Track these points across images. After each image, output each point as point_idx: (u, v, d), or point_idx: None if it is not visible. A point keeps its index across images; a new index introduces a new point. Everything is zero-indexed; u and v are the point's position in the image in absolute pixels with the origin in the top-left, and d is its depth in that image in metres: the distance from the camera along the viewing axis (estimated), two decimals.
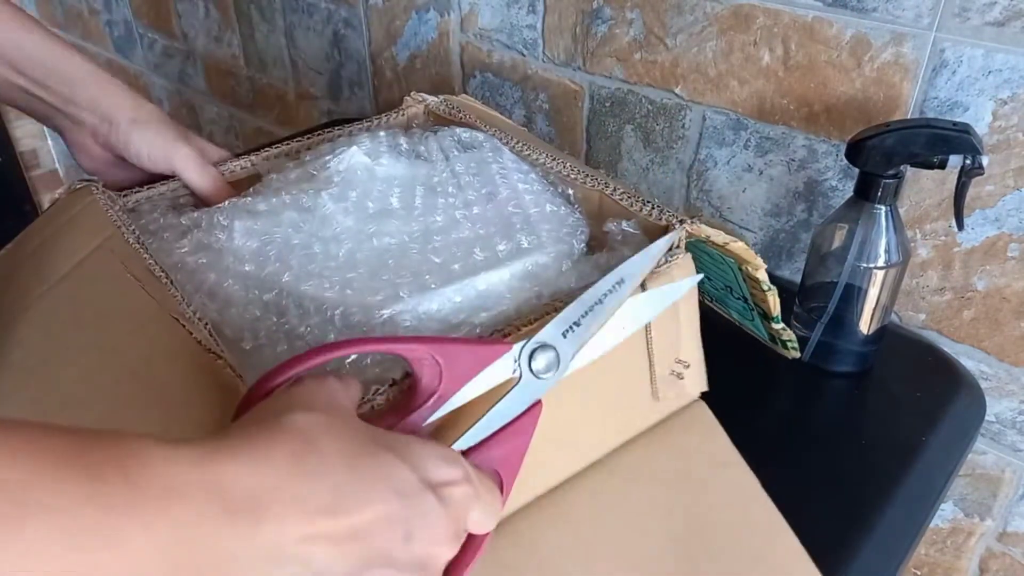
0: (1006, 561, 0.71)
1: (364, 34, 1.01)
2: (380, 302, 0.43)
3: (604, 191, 0.51)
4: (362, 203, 0.50)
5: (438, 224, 0.49)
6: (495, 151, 0.56)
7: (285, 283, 0.44)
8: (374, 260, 0.46)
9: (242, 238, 0.47)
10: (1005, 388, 0.65)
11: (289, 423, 0.28)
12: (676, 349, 0.47)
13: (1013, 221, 0.59)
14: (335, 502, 0.27)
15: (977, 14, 0.56)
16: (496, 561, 0.39)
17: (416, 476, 0.29)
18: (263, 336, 0.42)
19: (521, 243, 0.48)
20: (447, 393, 0.35)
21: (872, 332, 0.60)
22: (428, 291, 0.44)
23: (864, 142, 0.54)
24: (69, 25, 1.64)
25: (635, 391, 0.45)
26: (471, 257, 0.47)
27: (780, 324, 0.54)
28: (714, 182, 0.76)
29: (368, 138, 0.57)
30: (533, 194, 0.52)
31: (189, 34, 1.33)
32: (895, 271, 0.57)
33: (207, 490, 0.25)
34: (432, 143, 0.57)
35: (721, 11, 0.68)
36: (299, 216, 0.49)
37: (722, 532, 0.44)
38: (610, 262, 0.45)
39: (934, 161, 0.52)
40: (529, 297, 0.45)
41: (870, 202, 0.55)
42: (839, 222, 0.58)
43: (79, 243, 0.47)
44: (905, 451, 0.55)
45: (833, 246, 0.58)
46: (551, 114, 0.86)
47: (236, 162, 0.60)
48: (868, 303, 0.58)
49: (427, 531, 0.29)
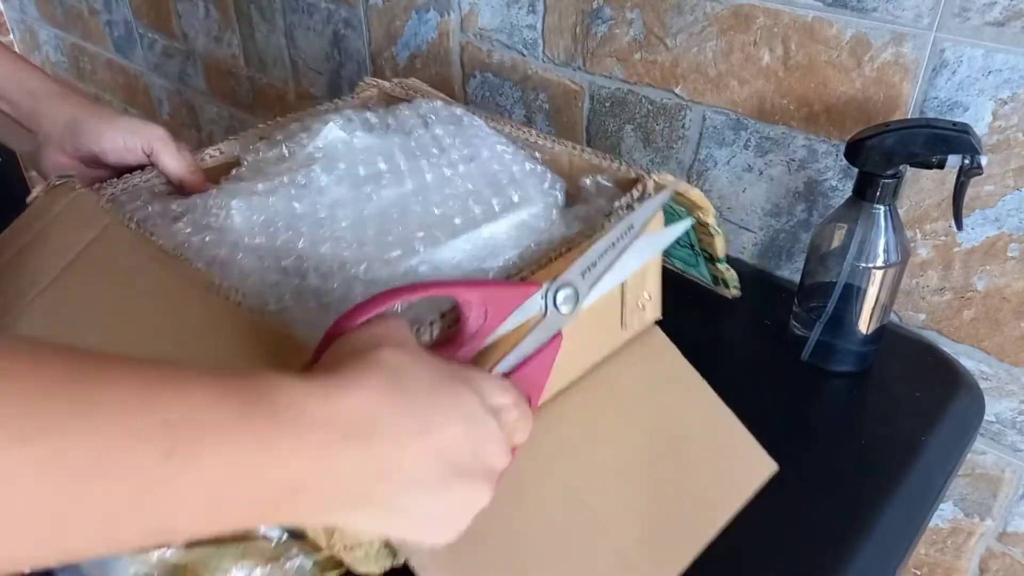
0: (1006, 561, 0.71)
1: (364, 34, 1.01)
2: (398, 256, 0.47)
3: (572, 152, 0.56)
4: (351, 171, 0.53)
5: (429, 182, 0.53)
6: (469, 119, 0.59)
7: (302, 249, 0.48)
8: (379, 219, 0.50)
9: (242, 215, 0.50)
10: (1005, 388, 0.65)
11: (379, 359, 0.33)
12: (643, 285, 0.52)
13: (1013, 221, 0.59)
14: (422, 425, 0.32)
15: (977, 14, 0.56)
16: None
17: (480, 401, 0.35)
18: (288, 298, 0.45)
19: (512, 197, 0.52)
20: (490, 329, 0.40)
21: (871, 332, 0.60)
22: (441, 243, 0.48)
23: (863, 142, 0.54)
24: (69, 25, 1.64)
25: (608, 322, 0.51)
26: (469, 211, 0.51)
27: (724, 264, 0.62)
28: (714, 182, 0.76)
29: (338, 115, 0.60)
30: (511, 155, 0.56)
31: (189, 34, 1.33)
32: (894, 271, 0.57)
33: (331, 420, 0.30)
34: (406, 112, 0.61)
35: (721, 11, 0.68)
36: (295, 191, 0.51)
37: (683, 431, 0.51)
38: (589, 212, 0.51)
39: (933, 161, 0.52)
40: (528, 244, 0.50)
41: (869, 202, 0.55)
42: (839, 222, 0.58)
43: (74, 237, 0.47)
44: (904, 451, 0.55)
45: (832, 246, 0.58)
46: (551, 114, 0.86)
47: (205, 151, 0.61)
48: (867, 302, 0.58)
49: (490, 447, 0.35)
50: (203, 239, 0.49)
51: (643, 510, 0.47)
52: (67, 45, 1.71)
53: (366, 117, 0.60)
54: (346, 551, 0.45)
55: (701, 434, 0.51)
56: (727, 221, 0.76)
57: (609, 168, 0.54)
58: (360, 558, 0.45)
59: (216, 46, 1.29)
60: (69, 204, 0.50)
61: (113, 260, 0.46)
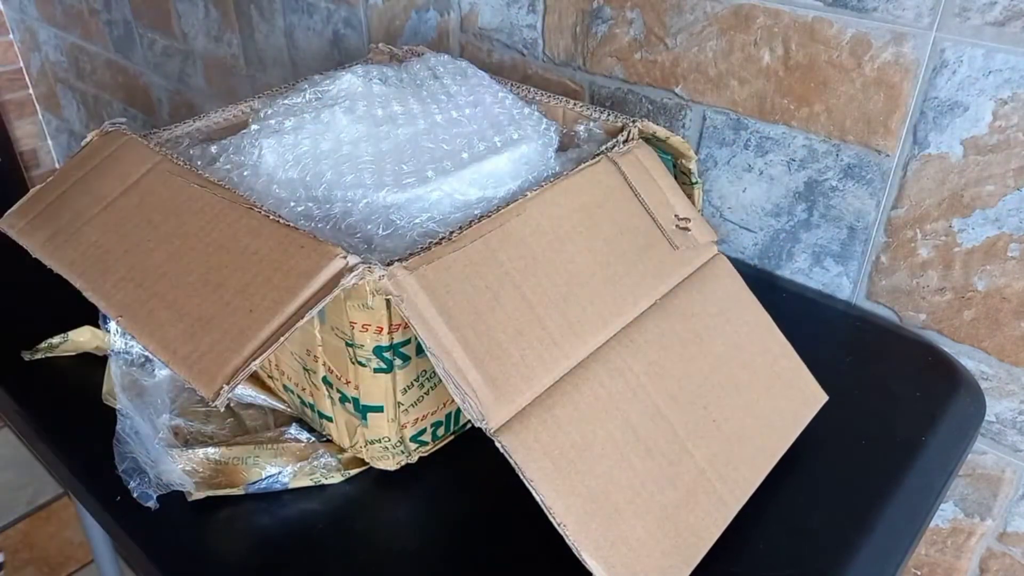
0: (1006, 561, 0.71)
1: (364, 34, 1.01)
2: (413, 183, 0.53)
3: (565, 106, 0.63)
4: (371, 112, 0.59)
5: (439, 122, 0.59)
6: (473, 71, 0.66)
7: (330, 179, 0.53)
8: (396, 153, 0.56)
9: (274, 153, 0.55)
10: (1005, 388, 0.65)
11: None
12: (671, 208, 0.56)
13: (1013, 221, 0.59)
14: None
15: (977, 14, 0.56)
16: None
17: None
18: (318, 221, 0.51)
19: (512, 135, 0.58)
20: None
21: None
22: (450, 173, 0.54)
23: None
24: (69, 25, 1.64)
25: (655, 248, 0.54)
26: (475, 147, 0.57)
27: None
28: (714, 182, 0.76)
29: (358, 68, 0.65)
30: (511, 101, 0.62)
31: (189, 34, 1.33)
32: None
33: None
34: (417, 66, 0.67)
35: (721, 11, 0.68)
36: (319, 128, 0.57)
37: (748, 357, 0.54)
38: (580, 156, 0.58)
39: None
40: (527, 178, 0.56)
41: None
42: None
43: (129, 169, 0.53)
44: (905, 451, 0.55)
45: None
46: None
47: (238, 105, 0.65)
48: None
49: None
50: (241, 174, 0.55)
51: (716, 433, 0.49)
52: (67, 45, 1.71)
53: (381, 70, 0.66)
54: (366, 449, 0.52)
55: (763, 362, 0.54)
56: (727, 221, 0.76)
57: (599, 118, 0.61)
58: (378, 456, 0.52)
59: (216, 46, 1.29)
60: (123, 145, 0.54)
61: (164, 186, 0.50)
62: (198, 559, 0.48)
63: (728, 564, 0.47)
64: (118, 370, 0.54)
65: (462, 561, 0.48)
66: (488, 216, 0.47)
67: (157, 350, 0.43)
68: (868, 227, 0.67)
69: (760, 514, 0.49)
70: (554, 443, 0.43)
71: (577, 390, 0.45)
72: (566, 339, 0.46)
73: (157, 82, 1.51)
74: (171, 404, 0.54)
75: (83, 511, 0.94)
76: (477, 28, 0.88)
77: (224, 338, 0.41)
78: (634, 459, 0.45)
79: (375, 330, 0.46)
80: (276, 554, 0.47)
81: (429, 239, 0.45)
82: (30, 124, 1.95)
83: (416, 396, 0.50)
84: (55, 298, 0.54)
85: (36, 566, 1.38)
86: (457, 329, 0.43)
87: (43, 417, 0.58)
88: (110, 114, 1.72)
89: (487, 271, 0.45)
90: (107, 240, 0.49)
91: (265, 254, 0.44)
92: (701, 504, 0.46)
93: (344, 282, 0.41)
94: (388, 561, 0.47)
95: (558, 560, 0.43)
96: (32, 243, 0.52)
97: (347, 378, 0.49)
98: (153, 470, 0.50)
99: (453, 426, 0.55)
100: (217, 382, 0.40)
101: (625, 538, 0.43)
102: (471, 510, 0.51)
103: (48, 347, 0.63)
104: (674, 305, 0.52)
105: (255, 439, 0.54)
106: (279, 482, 0.51)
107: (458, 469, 0.53)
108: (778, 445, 0.52)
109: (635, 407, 0.47)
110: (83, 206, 0.52)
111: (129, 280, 0.47)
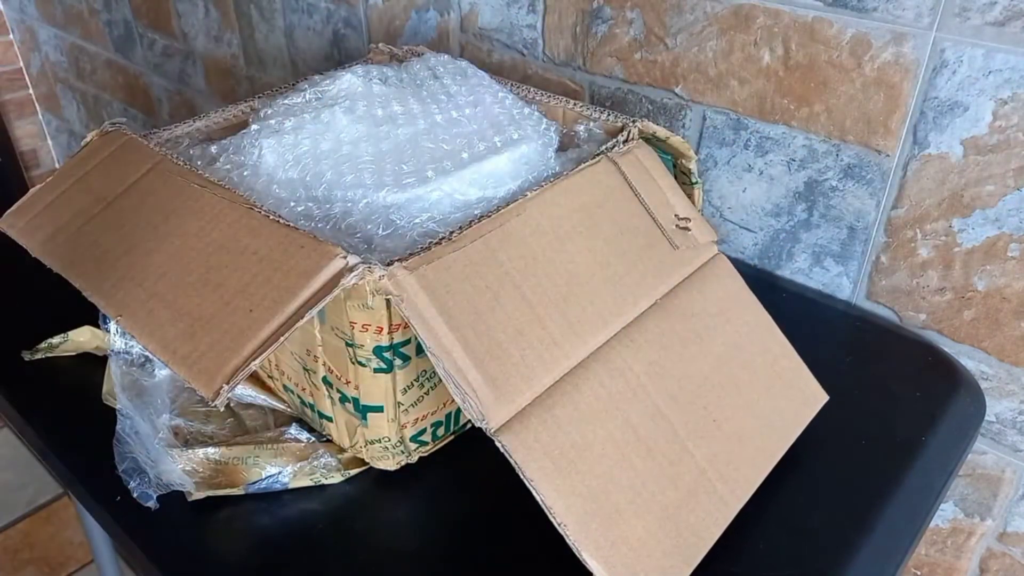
0: (1006, 561, 0.71)
1: (364, 34, 1.01)
2: (413, 183, 0.53)
3: (565, 106, 0.63)
4: (370, 112, 0.59)
5: (439, 122, 0.59)
6: (473, 71, 0.66)
7: (330, 179, 0.53)
8: (396, 153, 0.56)
9: (274, 153, 0.55)
10: (1005, 388, 0.65)
11: None
12: (671, 208, 0.56)
13: (1013, 221, 0.59)
14: None
15: (977, 14, 0.56)
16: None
17: None
18: (319, 221, 0.51)
19: (512, 135, 0.58)
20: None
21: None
22: (448, 173, 0.54)
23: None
24: (69, 25, 1.64)
25: (655, 248, 0.54)
26: (475, 147, 0.57)
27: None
28: (714, 182, 0.76)
29: (358, 68, 0.65)
30: (511, 101, 0.62)
31: (189, 34, 1.33)
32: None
33: None
34: (417, 66, 0.67)
35: (721, 11, 0.68)
36: (319, 128, 0.57)
37: (748, 357, 0.54)
38: (580, 156, 0.58)
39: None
40: (527, 178, 0.56)
41: None
42: None
43: (129, 169, 0.53)
44: (904, 451, 0.55)
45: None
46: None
47: (238, 106, 0.65)
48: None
49: None
50: (241, 174, 0.55)
51: (716, 433, 0.49)
52: (67, 45, 1.71)
53: (381, 70, 0.66)
54: (366, 449, 0.52)
55: (763, 361, 0.54)
56: (727, 221, 0.76)
57: (599, 118, 0.61)
58: (378, 456, 0.52)
59: (216, 46, 1.29)
60: (123, 145, 0.55)
61: (165, 187, 0.51)
62: (198, 559, 0.48)
63: (728, 564, 0.47)
64: (118, 370, 0.54)
65: (462, 561, 0.48)
66: (488, 216, 0.47)
67: (157, 350, 0.43)
68: (868, 227, 0.67)
69: (760, 514, 0.49)
70: (554, 443, 0.43)
71: (577, 390, 0.45)
72: (566, 339, 0.46)
73: (157, 82, 1.51)
74: (171, 404, 0.54)
75: (83, 511, 0.94)
76: (477, 28, 0.88)
77: (224, 338, 0.41)
78: (634, 459, 0.45)
79: (375, 330, 0.46)
80: (276, 554, 0.48)
81: (429, 239, 0.45)
82: (30, 124, 1.95)
83: (416, 396, 0.50)
84: (55, 298, 0.54)
85: (36, 566, 1.38)
86: (457, 329, 0.43)
87: (43, 417, 0.58)
88: (110, 114, 1.72)
89: (487, 271, 0.45)
90: (107, 240, 0.49)
91: (265, 254, 0.44)
92: (701, 504, 0.46)
93: (344, 282, 0.41)
94: (388, 561, 0.47)
95: (558, 560, 0.43)
96: (32, 243, 0.52)
97: (347, 378, 0.49)
98: (153, 470, 0.50)
99: (453, 426, 0.55)
100: (217, 382, 0.40)
101: (625, 538, 0.43)
102: (471, 510, 0.51)
103: (48, 347, 0.63)
104: (674, 305, 0.52)
105: (255, 439, 0.54)
106: (279, 482, 0.51)
107: (458, 469, 0.53)
108: (778, 445, 0.52)
109: (635, 407, 0.47)
110: (83, 206, 0.52)
111: (129, 280, 0.47)
